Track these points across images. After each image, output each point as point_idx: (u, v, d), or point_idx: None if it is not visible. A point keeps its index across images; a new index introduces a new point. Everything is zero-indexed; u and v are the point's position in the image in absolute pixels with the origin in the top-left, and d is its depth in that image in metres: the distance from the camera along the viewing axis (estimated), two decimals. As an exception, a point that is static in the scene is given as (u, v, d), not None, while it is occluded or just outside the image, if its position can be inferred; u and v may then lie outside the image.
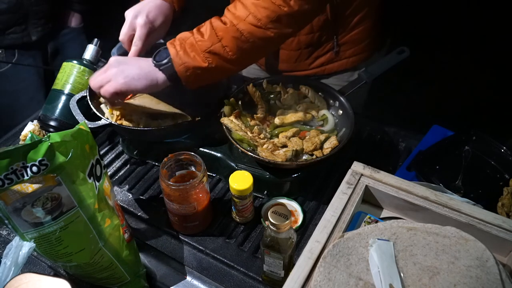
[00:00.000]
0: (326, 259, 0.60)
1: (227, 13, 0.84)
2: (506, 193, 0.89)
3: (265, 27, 0.82)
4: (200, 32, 0.84)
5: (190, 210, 0.83)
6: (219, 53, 0.83)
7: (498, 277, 0.56)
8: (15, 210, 0.62)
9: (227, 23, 0.82)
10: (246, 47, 0.83)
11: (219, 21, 0.83)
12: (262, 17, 0.81)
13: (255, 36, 0.82)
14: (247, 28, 0.81)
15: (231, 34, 0.82)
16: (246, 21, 0.81)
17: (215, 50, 0.83)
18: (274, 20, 0.81)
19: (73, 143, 0.63)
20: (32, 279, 0.68)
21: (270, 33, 0.83)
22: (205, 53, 0.83)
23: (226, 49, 0.83)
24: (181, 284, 0.83)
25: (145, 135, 1.01)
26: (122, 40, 1.00)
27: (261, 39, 0.83)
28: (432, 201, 0.70)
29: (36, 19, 1.47)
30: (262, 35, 0.82)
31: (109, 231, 0.71)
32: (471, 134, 1.00)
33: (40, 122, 1.11)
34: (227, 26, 0.82)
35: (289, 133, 0.96)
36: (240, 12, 0.82)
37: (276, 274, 0.77)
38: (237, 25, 0.81)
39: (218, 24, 0.83)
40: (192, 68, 0.84)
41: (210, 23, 0.84)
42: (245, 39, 0.82)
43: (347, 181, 0.74)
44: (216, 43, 0.82)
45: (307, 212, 0.93)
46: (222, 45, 0.82)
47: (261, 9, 0.80)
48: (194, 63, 0.83)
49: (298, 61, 1.17)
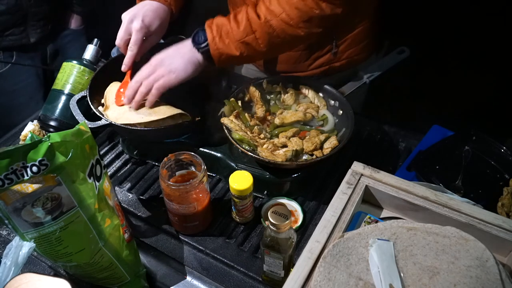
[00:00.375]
0: (326, 259, 0.60)
1: (262, 6, 0.87)
2: (506, 193, 0.89)
3: (296, 26, 0.86)
4: (237, 20, 0.88)
5: (190, 210, 0.83)
6: (252, 44, 0.88)
7: (498, 277, 0.56)
8: (15, 210, 0.62)
9: (261, 17, 0.86)
10: (277, 41, 0.88)
11: (254, 13, 0.87)
12: (295, 17, 0.85)
13: (286, 33, 0.87)
14: (279, 25, 0.86)
15: (265, 29, 0.87)
16: (279, 18, 0.85)
17: (248, 41, 0.88)
18: (305, 20, 0.86)
19: (73, 143, 0.63)
20: (32, 279, 0.68)
21: (301, 32, 0.87)
22: (238, 42, 0.88)
23: (259, 42, 0.88)
24: (181, 284, 0.83)
25: (145, 135, 1.01)
26: (118, 44, 1.01)
27: (291, 36, 0.88)
28: (432, 201, 0.70)
29: (35, 21, 1.45)
30: (292, 32, 0.87)
31: (109, 231, 0.71)
32: (471, 134, 1.00)
33: (40, 122, 1.11)
34: (261, 21, 0.86)
35: (289, 133, 0.96)
36: (275, 8, 0.85)
37: (276, 274, 0.77)
38: (270, 20, 0.86)
39: (253, 17, 0.87)
40: (226, 54, 0.90)
41: (247, 14, 0.88)
42: (276, 35, 0.87)
43: (347, 181, 0.74)
44: (250, 35, 0.87)
45: (307, 212, 0.93)
46: (255, 37, 0.87)
47: (294, 9, 0.84)
48: (228, 50, 0.89)
49: (297, 62, 1.17)
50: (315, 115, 1.03)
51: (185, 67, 0.91)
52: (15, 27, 1.42)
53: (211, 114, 0.99)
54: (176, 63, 0.91)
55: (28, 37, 1.46)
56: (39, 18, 1.46)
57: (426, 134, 1.07)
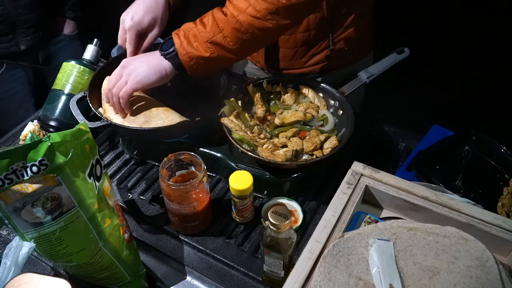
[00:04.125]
0: (326, 259, 0.60)
1: (228, 5, 0.87)
2: (506, 193, 0.89)
3: (264, 19, 0.85)
4: (203, 22, 0.87)
5: (190, 210, 0.83)
6: (220, 43, 0.86)
7: (498, 277, 0.56)
8: (15, 210, 0.62)
9: (228, 14, 0.85)
10: (246, 37, 0.86)
11: (220, 12, 0.87)
12: (261, 9, 0.84)
13: (254, 27, 0.85)
14: (246, 19, 0.84)
15: (232, 25, 0.85)
16: (246, 13, 0.84)
17: (217, 41, 0.86)
18: (272, 12, 0.84)
19: (73, 143, 0.63)
20: (32, 279, 0.68)
21: (269, 24, 0.85)
22: (207, 43, 0.86)
23: (227, 40, 0.86)
24: (181, 284, 0.83)
25: (145, 135, 1.01)
26: (120, 44, 1.03)
27: (260, 30, 0.86)
28: (432, 201, 0.70)
29: (24, 28, 1.42)
30: (261, 26, 0.85)
31: (109, 231, 0.71)
32: (471, 134, 1.00)
33: (40, 122, 1.11)
34: (228, 18, 0.85)
35: (289, 133, 0.96)
36: (241, 4, 0.85)
37: (276, 274, 0.77)
38: (237, 16, 0.84)
39: (219, 16, 0.86)
40: (196, 57, 0.87)
41: (212, 14, 0.87)
42: (244, 30, 0.85)
43: (347, 181, 0.74)
44: (218, 34, 0.86)
45: (307, 212, 0.93)
46: (223, 36, 0.86)
47: (261, 1, 0.83)
48: (197, 53, 0.87)
49: (294, 59, 1.17)
50: (315, 115, 1.03)
51: (148, 74, 0.90)
52: (3, 35, 1.40)
53: (211, 114, 0.99)
54: (140, 70, 0.90)
55: (18, 45, 1.44)
56: (29, 25, 1.43)
57: (426, 134, 1.07)
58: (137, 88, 0.91)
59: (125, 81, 0.92)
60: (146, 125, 0.96)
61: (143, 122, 0.96)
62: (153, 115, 0.97)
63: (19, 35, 1.43)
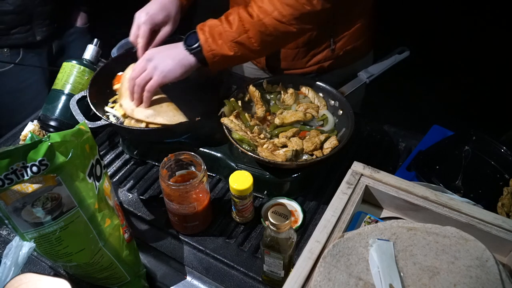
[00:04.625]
0: (326, 259, 0.60)
1: (254, 6, 0.89)
2: (506, 193, 0.89)
3: (288, 23, 0.88)
4: (228, 21, 0.89)
5: (190, 210, 0.83)
6: (245, 43, 0.89)
7: (498, 277, 0.56)
8: (15, 210, 0.62)
9: (254, 17, 0.88)
10: (270, 39, 0.90)
11: (246, 13, 0.89)
12: (287, 14, 0.87)
13: (278, 30, 0.89)
14: (272, 23, 0.88)
15: (257, 28, 0.88)
16: (271, 16, 0.87)
17: (242, 41, 0.89)
18: (297, 17, 0.87)
19: (73, 143, 0.63)
20: (32, 279, 0.68)
21: (293, 29, 0.89)
22: (232, 42, 0.89)
23: (252, 41, 0.89)
24: (181, 284, 0.83)
25: (145, 135, 1.01)
26: (132, 40, 1.04)
27: (284, 33, 0.90)
28: (432, 201, 0.70)
29: (41, 20, 1.48)
30: (285, 30, 0.89)
31: (109, 231, 0.71)
32: (471, 134, 1.00)
33: (40, 122, 1.11)
34: (254, 20, 0.88)
35: (289, 133, 0.96)
36: (267, 7, 0.87)
37: (276, 274, 0.77)
38: (263, 19, 0.87)
39: (245, 16, 0.88)
40: (220, 55, 0.90)
41: (238, 14, 0.89)
42: (269, 33, 0.89)
43: (347, 181, 0.74)
44: (243, 34, 0.89)
45: (307, 212, 0.93)
46: (248, 37, 0.89)
47: (286, 7, 0.86)
48: (222, 51, 0.90)
49: (295, 59, 1.18)
50: (315, 115, 1.03)
51: (174, 69, 0.92)
52: (21, 25, 1.45)
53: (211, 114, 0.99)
54: (166, 64, 0.92)
55: (34, 35, 1.49)
56: (45, 17, 1.49)
57: (426, 134, 1.07)
58: (163, 82, 0.93)
59: (150, 75, 0.93)
60: (152, 119, 0.96)
61: (151, 114, 0.97)
62: (163, 111, 0.98)
63: (35, 26, 1.48)
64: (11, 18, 1.41)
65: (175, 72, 0.92)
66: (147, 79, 0.93)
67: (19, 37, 1.46)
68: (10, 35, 1.44)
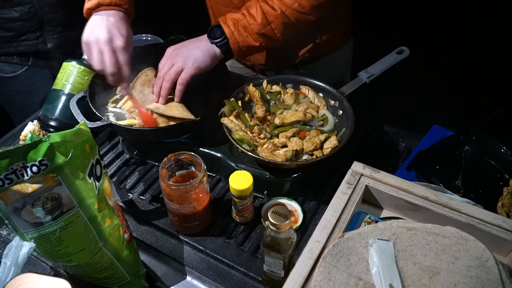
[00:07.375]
0: (326, 259, 0.60)
1: None
2: (506, 193, 0.89)
3: (308, 13, 0.96)
4: (251, 14, 0.96)
5: (190, 210, 0.83)
6: (269, 35, 0.97)
7: (498, 277, 0.56)
8: (15, 210, 0.62)
9: (276, 9, 0.95)
10: (292, 29, 0.98)
11: (268, 5, 0.96)
12: (307, 5, 0.95)
13: (299, 21, 0.97)
14: (293, 14, 0.96)
15: (281, 20, 0.96)
16: (292, 8, 0.95)
17: (266, 32, 0.97)
18: (315, 6, 0.96)
19: (73, 143, 0.63)
20: (32, 279, 0.68)
21: (312, 18, 0.98)
22: (257, 34, 0.96)
23: (275, 31, 0.97)
24: (181, 284, 0.83)
25: (145, 135, 1.01)
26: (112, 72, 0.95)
27: (304, 22, 0.98)
28: (432, 201, 0.70)
29: (52, 27, 1.44)
30: (305, 19, 0.98)
31: (109, 231, 0.71)
32: (471, 134, 1.00)
33: (40, 122, 1.11)
34: (277, 13, 0.95)
35: (289, 133, 0.96)
36: (287, 0, 0.95)
37: (276, 274, 0.77)
38: (285, 11, 0.95)
39: (268, 9, 0.95)
40: (246, 47, 0.97)
41: (260, 7, 0.95)
42: (291, 24, 0.97)
43: (347, 181, 0.74)
44: (267, 26, 0.96)
45: (307, 212, 0.93)
46: (272, 28, 0.96)
47: None
48: (247, 43, 0.97)
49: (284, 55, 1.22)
50: (315, 115, 1.03)
51: (204, 58, 0.96)
52: (31, 32, 1.42)
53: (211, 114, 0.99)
54: (196, 54, 0.95)
55: (45, 42, 1.45)
56: (56, 24, 1.44)
57: (426, 134, 1.07)
58: (195, 73, 0.95)
59: (181, 67, 0.95)
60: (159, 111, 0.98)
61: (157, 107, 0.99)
62: (173, 105, 0.99)
63: (46, 33, 1.45)
64: (19, 25, 1.38)
65: (206, 63, 0.96)
66: (178, 71, 0.95)
67: (29, 43, 1.43)
68: (19, 41, 1.41)
